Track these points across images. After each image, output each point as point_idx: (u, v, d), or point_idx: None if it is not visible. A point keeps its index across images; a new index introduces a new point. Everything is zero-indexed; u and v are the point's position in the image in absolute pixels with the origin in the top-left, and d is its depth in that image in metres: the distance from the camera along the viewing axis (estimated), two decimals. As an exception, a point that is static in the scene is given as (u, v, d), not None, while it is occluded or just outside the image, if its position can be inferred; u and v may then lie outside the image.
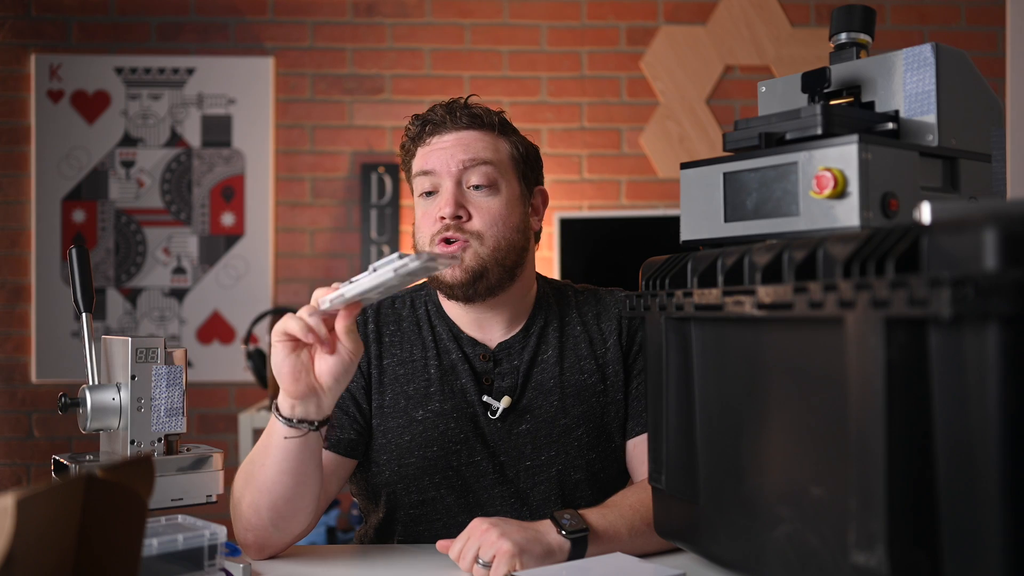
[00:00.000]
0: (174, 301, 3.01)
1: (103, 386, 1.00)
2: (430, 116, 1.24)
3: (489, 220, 1.20)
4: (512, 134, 1.27)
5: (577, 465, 1.22)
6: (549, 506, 1.21)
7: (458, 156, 1.21)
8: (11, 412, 2.97)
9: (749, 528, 0.87)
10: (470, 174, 1.21)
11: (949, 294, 0.59)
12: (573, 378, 1.25)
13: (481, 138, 1.23)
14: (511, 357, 1.26)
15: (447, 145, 1.22)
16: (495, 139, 1.24)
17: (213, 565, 0.89)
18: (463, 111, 1.23)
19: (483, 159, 1.21)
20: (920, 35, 3.13)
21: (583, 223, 2.89)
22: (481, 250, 1.19)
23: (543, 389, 1.24)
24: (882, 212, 0.82)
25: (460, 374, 1.24)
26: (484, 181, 1.21)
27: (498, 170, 1.22)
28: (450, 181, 1.20)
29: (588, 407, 1.24)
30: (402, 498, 1.21)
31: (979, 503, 0.62)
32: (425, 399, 1.22)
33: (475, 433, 1.21)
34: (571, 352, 1.27)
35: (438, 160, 1.22)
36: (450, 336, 1.26)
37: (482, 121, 1.24)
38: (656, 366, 1.00)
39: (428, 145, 1.24)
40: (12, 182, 2.99)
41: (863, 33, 0.98)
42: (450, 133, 1.23)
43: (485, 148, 1.22)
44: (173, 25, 3.04)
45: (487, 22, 3.08)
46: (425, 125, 1.24)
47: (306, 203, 3.06)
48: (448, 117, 1.23)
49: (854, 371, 0.70)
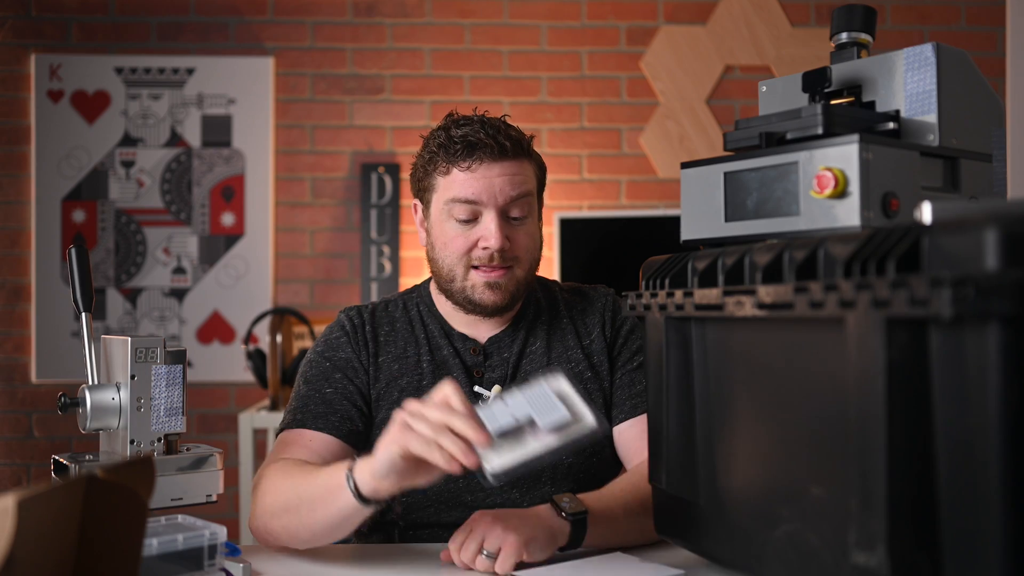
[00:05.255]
0: (174, 301, 3.01)
1: (103, 386, 1.00)
2: (471, 136, 1.21)
3: (525, 247, 1.26)
4: (533, 153, 1.29)
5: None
6: (539, 489, 1.24)
7: (507, 191, 1.22)
8: (11, 412, 2.97)
9: (749, 528, 0.87)
10: (513, 207, 1.23)
11: (950, 294, 0.59)
12: (561, 367, 1.28)
13: (522, 169, 1.24)
14: (501, 350, 1.30)
15: (493, 175, 1.21)
16: (530, 166, 1.26)
17: (213, 565, 0.89)
18: (505, 138, 1.22)
19: (527, 191, 1.24)
20: (920, 35, 3.13)
21: (583, 223, 2.89)
22: (519, 273, 1.25)
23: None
24: (883, 212, 0.82)
25: (451, 368, 1.28)
26: (524, 212, 1.25)
27: (533, 197, 1.27)
28: (495, 212, 1.22)
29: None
30: None
31: (980, 503, 0.62)
32: (417, 391, 1.25)
33: None
34: (559, 343, 1.31)
35: (484, 190, 1.21)
36: (441, 333, 1.31)
37: (521, 147, 1.24)
38: (656, 366, 1.00)
39: (471, 171, 1.21)
40: (12, 182, 2.99)
41: (864, 33, 0.98)
42: (497, 163, 1.21)
43: (526, 181, 1.24)
44: (173, 25, 3.04)
45: (487, 22, 3.08)
46: (471, 148, 1.21)
47: (306, 203, 3.06)
48: (495, 145, 1.20)
49: (855, 371, 0.70)
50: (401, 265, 3.04)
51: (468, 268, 1.24)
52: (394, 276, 3.03)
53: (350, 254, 3.05)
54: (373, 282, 3.03)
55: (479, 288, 1.24)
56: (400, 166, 3.03)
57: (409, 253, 3.04)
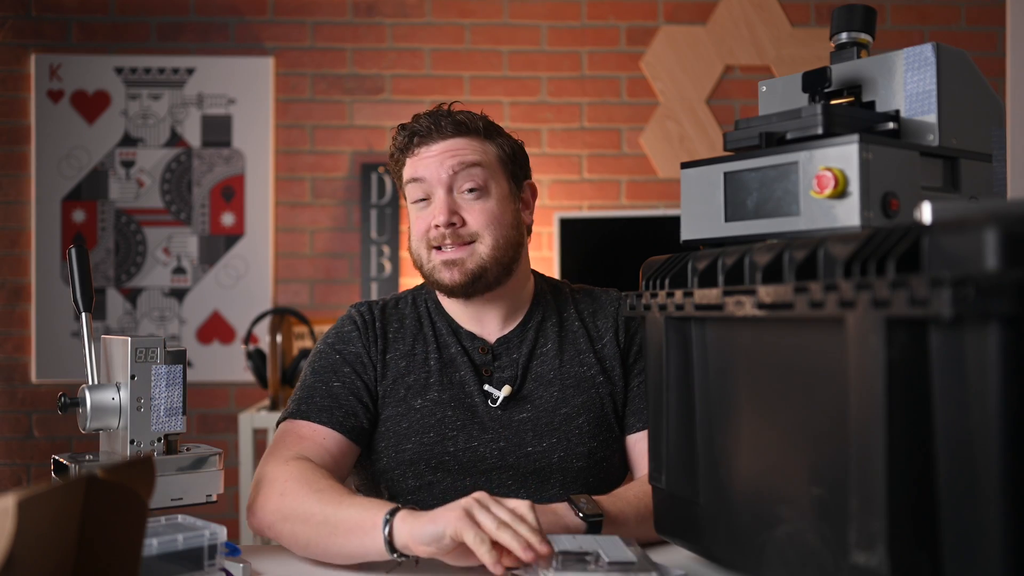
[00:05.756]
0: (174, 301, 3.01)
1: (103, 386, 1.00)
2: (415, 127, 1.26)
3: (484, 221, 1.24)
4: (497, 136, 1.30)
5: (579, 453, 1.24)
6: (548, 491, 1.24)
7: (447, 163, 1.23)
8: (11, 412, 2.97)
9: (749, 528, 0.87)
10: (461, 179, 1.24)
11: (950, 294, 0.59)
12: (573, 370, 1.28)
13: (468, 144, 1.25)
14: (510, 351, 1.29)
15: (435, 154, 1.25)
16: (481, 143, 1.27)
17: (213, 565, 0.89)
18: (447, 119, 1.26)
19: (471, 162, 1.24)
20: (920, 35, 3.13)
21: (583, 223, 2.89)
22: (482, 250, 1.23)
23: (543, 380, 1.28)
24: (883, 212, 0.82)
25: (459, 366, 1.28)
26: (475, 184, 1.24)
27: (487, 171, 1.25)
28: (441, 189, 1.24)
29: (588, 397, 1.27)
30: (400, 484, 1.24)
31: (980, 503, 0.62)
32: (424, 389, 1.26)
33: (473, 420, 1.24)
34: (571, 346, 1.31)
35: (427, 169, 1.24)
36: (449, 331, 1.31)
37: (467, 127, 1.26)
38: (656, 366, 1.00)
39: (416, 155, 1.26)
40: (12, 182, 2.99)
41: (864, 33, 0.98)
42: (437, 143, 1.25)
43: (472, 152, 1.25)
44: (173, 25, 3.04)
45: (487, 22, 3.08)
46: (412, 136, 1.26)
47: (306, 203, 3.06)
48: (433, 127, 1.25)
49: (855, 371, 0.70)
50: (401, 265, 3.04)
51: (430, 249, 1.25)
52: (394, 276, 3.03)
53: (350, 254, 3.06)
54: (373, 282, 3.03)
55: (439, 267, 1.24)
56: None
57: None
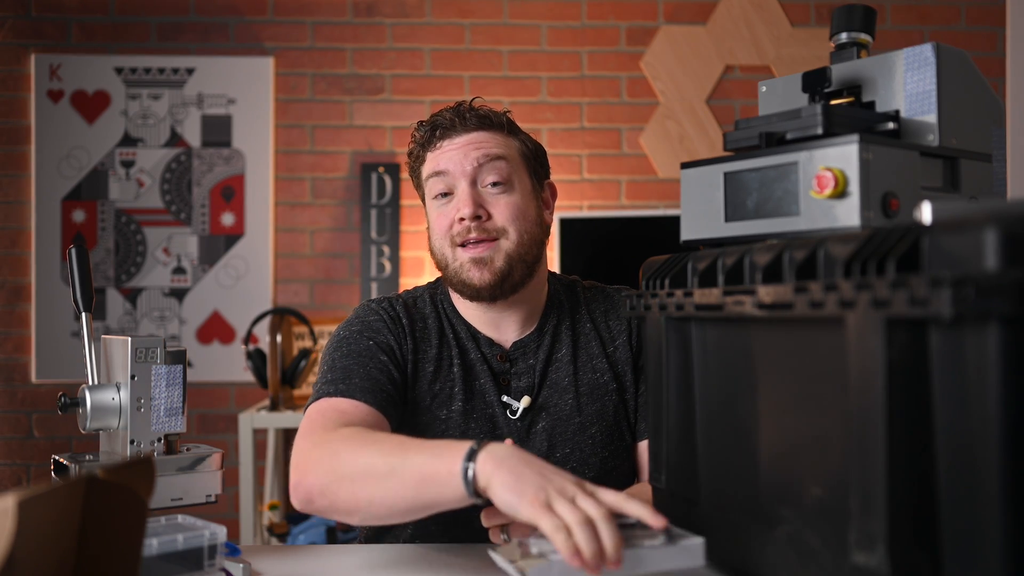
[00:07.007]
0: (174, 301, 3.01)
1: (103, 386, 1.00)
2: (438, 120, 1.24)
3: (510, 216, 1.21)
4: (519, 133, 1.29)
5: (591, 463, 1.24)
6: None
7: (471, 155, 1.21)
8: (11, 412, 2.97)
9: (749, 528, 0.87)
10: (485, 172, 1.21)
11: (950, 294, 0.59)
12: (587, 377, 1.27)
13: (491, 137, 1.24)
14: (527, 356, 1.27)
15: (458, 146, 1.22)
16: (505, 138, 1.25)
17: (213, 565, 0.89)
18: (471, 113, 1.24)
19: (496, 154, 1.22)
20: (920, 35, 3.13)
21: (583, 223, 2.89)
22: (507, 246, 1.20)
23: (559, 387, 1.26)
24: (883, 212, 0.82)
25: (479, 374, 1.25)
26: (499, 178, 1.21)
27: (511, 166, 1.23)
28: (465, 181, 1.21)
29: (602, 405, 1.26)
30: None
31: (980, 503, 0.62)
32: (449, 399, 1.23)
33: (494, 433, 1.23)
34: (584, 351, 1.28)
35: (451, 161, 1.22)
36: (468, 336, 1.27)
37: (491, 121, 1.24)
38: (656, 366, 1.00)
39: (439, 149, 1.24)
40: (12, 182, 2.99)
41: (864, 33, 0.98)
42: (460, 135, 1.23)
43: (497, 145, 1.23)
44: (173, 25, 3.04)
45: (487, 22, 3.08)
46: (435, 129, 1.24)
47: (306, 203, 3.06)
48: (457, 120, 1.23)
49: (855, 371, 0.70)
50: (401, 265, 3.04)
51: (454, 247, 1.21)
52: (394, 276, 3.03)
53: (350, 254, 3.05)
54: (373, 282, 3.03)
55: (467, 266, 1.20)
56: (400, 166, 3.03)
57: (409, 253, 3.04)
